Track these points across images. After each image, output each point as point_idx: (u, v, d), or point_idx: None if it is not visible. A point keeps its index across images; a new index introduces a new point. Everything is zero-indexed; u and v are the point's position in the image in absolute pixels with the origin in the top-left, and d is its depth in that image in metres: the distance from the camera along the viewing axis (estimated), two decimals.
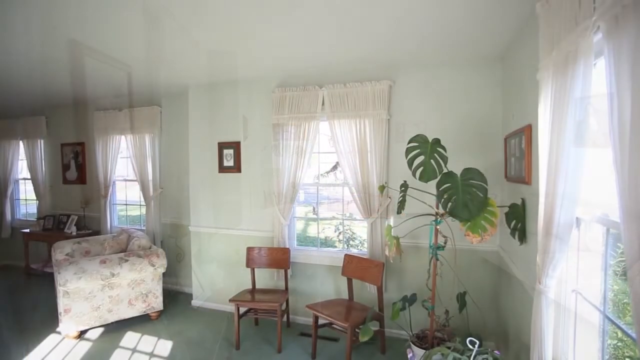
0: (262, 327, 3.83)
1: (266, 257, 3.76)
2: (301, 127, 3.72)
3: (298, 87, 3.72)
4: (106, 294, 3.65)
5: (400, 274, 3.55)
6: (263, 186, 4.01)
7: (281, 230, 3.83)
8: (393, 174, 3.50)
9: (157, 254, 3.91)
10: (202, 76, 3.91)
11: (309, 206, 8.26)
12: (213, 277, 4.33)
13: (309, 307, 3.21)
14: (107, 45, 2.87)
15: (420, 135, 2.58)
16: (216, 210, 4.26)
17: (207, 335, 3.66)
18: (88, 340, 3.59)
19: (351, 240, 6.81)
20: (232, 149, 4.11)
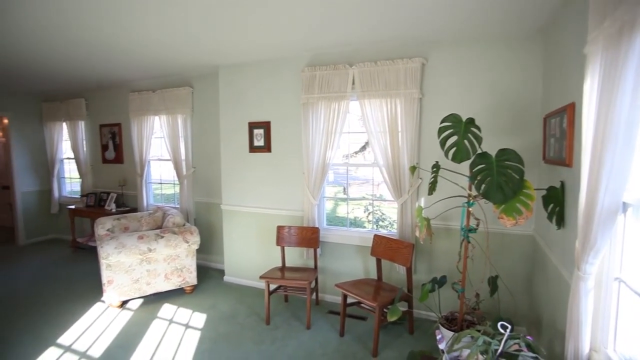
0: (291, 304, 3.92)
1: (296, 236, 3.81)
2: (331, 107, 3.68)
3: (328, 66, 3.66)
4: (144, 268, 3.84)
5: (430, 255, 3.51)
6: (293, 166, 4.03)
7: (311, 210, 3.87)
8: (424, 155, 3.43)
9: (191, 231, 4.05)
10: (232, 56, 3.92)
11: (338, 187, 8.26)
12: (244, 254, 4.45)
13: (338, 285, 3.25)
14: (140, 26, 2.91)
15: (454, 115, 2.49)
16: (247, 189, 4.34)
17: (239, 310, 3.80)
18: (129, 309, 3.82)
19: (380, 220, 6.79)
20: (263, 129, 4.14)
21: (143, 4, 2.45)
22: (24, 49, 3.49)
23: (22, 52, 3.60)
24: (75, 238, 6.02)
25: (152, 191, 5.73)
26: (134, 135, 5.39)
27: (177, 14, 2.65)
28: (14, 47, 3.42)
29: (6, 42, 3.23)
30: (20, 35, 3.08)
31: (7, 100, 6.17)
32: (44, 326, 3.50)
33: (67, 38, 3.17)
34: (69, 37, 3.16)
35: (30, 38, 3.15)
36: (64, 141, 6.52)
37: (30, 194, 6.56)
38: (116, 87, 5.68)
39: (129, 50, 3.64)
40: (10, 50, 3.50)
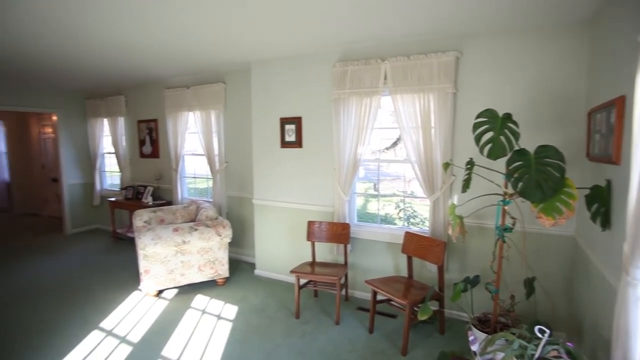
0: (321, 299, 3.95)
1: (326, 232, 3.82)
2: (362, 102, 3.65)
3: (359, 61, 3.62)
4: (179, 259, 3.97)
5: (463, 254, 3.43)
6: (324, 162, 4.04)
7: (342, 206, 3.86)
8: (458, 151, 3.34)
9: (223, 225, 4.15)
10: (264, 53, 3.96)
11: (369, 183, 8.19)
12: (274, 248, 4.51)
13: (368, 282, 3.23)
14: (177, 26, 2.99)
15: (490, 110, 2.41)
16: (278, 184, 4.39)
17: (269, 303, 3.86)
18: (164, 299, 3.97)
19: (412, 218, 6.68)
20: (294, 125, 4.16)
21: (182, 6, 2.51)
22: (71, 51, 3.68)
23: (69, 54, 3.80)
24: (115, 229, 6.32)
25: (186, 185, 5.90)
26: (169, 131, 5.57)
27: (214, 14, 2.70)
28: (62, 49, 3.61)
29: (54, 44, 3.42)
30: (67, 39, 3.24)
31: (56, 98, 6.55)
32: (88, 311, 3.70)
33: (107, 40, 3.32)
34: (109, 40, 3.31)
35: (75, 41, 3.31)
36: (104, 136, 6.85)
37: (75, 186, 6.95)
38: (152, 84, 5.88)
39: (165, 50, 3.75)
40: (58, 52, 3.70)
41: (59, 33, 3.14)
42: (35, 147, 8.36)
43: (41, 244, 6.21)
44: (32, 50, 3.67)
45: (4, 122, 8.60)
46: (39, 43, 3.43)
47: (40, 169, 8.33)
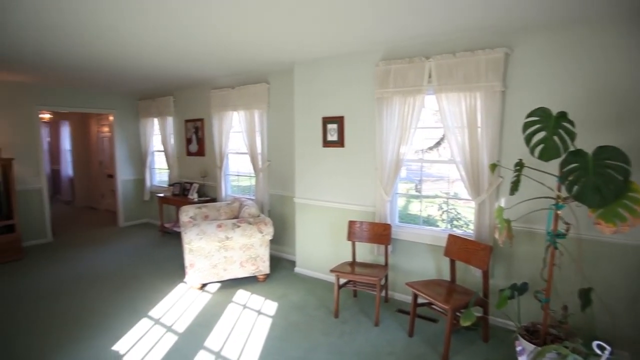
0: (360, 299, 3.92)
1: (367, 232, 3.80)
2: (406, 101, 3.58)
3: (403, 60, 3.56)
4: (222, 255, 4.10)
5: (510, 260, 3.27)
6: (366, 161, 4.01)
7: (383, 206, 3.82)
8: (506, 152, 3.18)
9: (265, 222, 4.24)
10: (307, 53, 3.99)
11: (410, 183, 8.04)
12: (315, 247, 4.54)
13: (409, 284, 3.17)
14: (224, 28, 3.08)
15: (542, 108, 2.28)
16: (319, 183, 4.41)
17: (309, 301, 3.89)
18: (208, 292, 4.12)
19: (455, 220, 6.47)
20: (336, 124, 4.17)
21: (230, 9, 2.59)
22: (127, 56, 3.91)
23: (125, 58, 4.03)
24: (163, 223, 6.64)
25: (230, 183, 6.08)
26: (214, 130, 5.76)
27: (261, 15, 2.76)
28: (119, 54, 3.84)
29: (112, 50, 3.65)
30: (124, 45, 3.44)
31: (113, 99, 7.01)
32: (138, 300, 3.92)
33: (160, 45, 3.49)
34: (161, 44, 3.47)
35: (131, 46, 3.51)
36: (154, 135, 7.21)
37: (128, 182, 7.38)
38: (199, 85, 6.11)
39: (212, 51, 3.88)
40: (115, 56, 3.94)
41: (117, 40, 3.34)
42: (94, 145, 8.97)
43: (98, 235, 6.66)
44: (94, 55, 3.94)
45: (69, 122, 9.31)
46: (99, 49, 3.67)
47: (98, 166, 8.93)
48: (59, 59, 4.14)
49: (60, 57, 4.02)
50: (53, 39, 3.32)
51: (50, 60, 4.17)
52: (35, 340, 3.20)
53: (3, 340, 3.15)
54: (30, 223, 5.99)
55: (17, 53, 3.84)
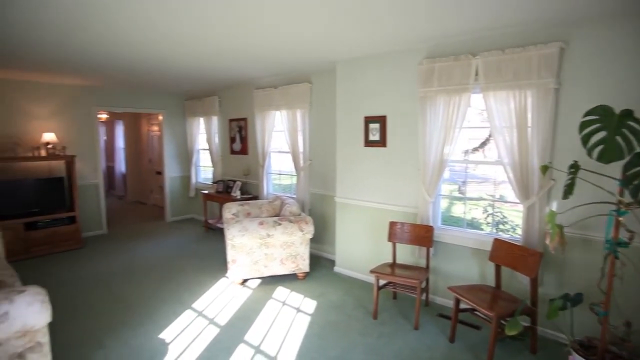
0: (399, 301, 3.86)
1: (408, 233, 3.73)
2: (450, 101, 3.48)
3: (448, 57, 3.45)
4: (263, 251, 4.19)
5: (562, 268, 3.08)
6: (408, 162, 3.94)
7: (425, 208, 3.73)
8: (559, 153, 3.00)
9: (306, 221, 4.27)
10: (349, 52, 3.98)
11: (454, 185, 7.80)
12: (354, 246, 4.53)
13: (451, 289, 3.08)
14: (269, 29, 3.14)
15: (602, 106, 2.13)
16: (360, 183, 4.39)
17: (347, 301, 3.88)
18: (248, 288, 4.22)
19: (501, 224, 6.20)
20: (378, 123, 4.12)
21: (275, 11, 2.64)
22: (176, 57, 4.08)
23: (175, 60, 4.22)
24: (207, 219, 6.88)
25: (271, 181, 6.19)
26: (257, 129, 5.88)
27: (305, 17, 2.79)
28: (169, 55, 4.03)
29: (163, 52, 3.83)
30: (174, 45, 3.60)
31: (162, 99, 7.37)
32: (183, 291, 4.10)
33: (207, 46, 3.61)
34: (209, 46, 3.59)
35: (181, 48, 3.67)
36: (200, 134, 7.48)
37: (175, 179, 7.73)
38: (243, 85, 6.27)
39: (257, 52, 3.98)
40: (165, 57, 4.13)
41: (169, 44, 3.50)
42: (145, 143, 9.47)
43: (147, 228, 7.03)
44: (147, 59, 4.15)
45: (123, 122, 9.89)
46: (152, 53, 3.86)
47: (147, 163, 9.42)
48: (116, 64, 4.41)
49: (117, 61, 4.28)
50: (115, 47, 3.54)
51: (108, 64, 4.45)
52: (91, 322, 3.44)
53: (64, 321, 3.40)
54: (89, 215, 6.43)
55: (82, 60, 4.14)
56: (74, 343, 3.12)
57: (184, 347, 3.04)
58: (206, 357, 2.91)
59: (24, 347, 2.27)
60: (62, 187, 5.77)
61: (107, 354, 2.95)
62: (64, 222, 5.67)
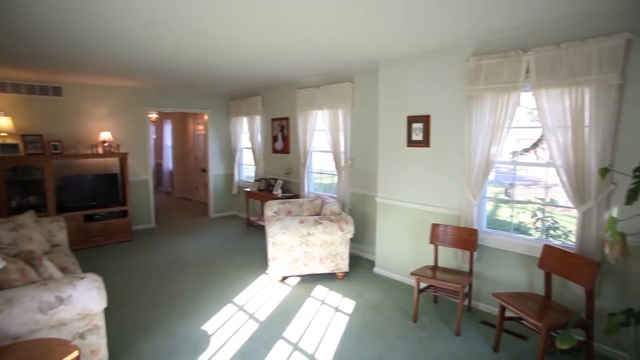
0: (440, 306, 3.76)
1: (451, 236, 3.61)
2: (498, 99, 3.33)
3: (497, 54, 3.30)
4: (303, 250, 4.22)
5: (623, 280, 2.85)
6: (452, 162, 3.82)
7: (470, 210, 3.60)
8: (622, 154, 2.77)
9: (346, 220, 4.26)
10: (393, 50, 3.92)
11: (499, 187, 7.47)
12: (395, 248, 4.45)
13: (496, 295, 2.95)
14: (312, 29, 3.16)
15: None
16: (402, 183, 4.31)
17: (386, 303, 3.83)
18: (288, 285, 4.27)
19: (552, 229, 5.85)
20: (422, 123, 4.03)
21: (319, 11, 2.65)
22: (222, 59, 4.21)
23: (221, 61, 4.35)
24: (248, 216, 7.05)
25: (312, 180, 6.23)
26: (299, 128, 5.94)
27: (347, 16, 2.77)
28: (215, 56, 4.16)
29: (209, 52, 3.96)
30: (219, 46, 3.71)
31: (207, 100, 7.64)
32: (224, 286, 4.22)
33: (252, 47, 3.69)
34: (253, 46, 3.67)
35: (227, 49, 3.77)
36: (243, 133, 7.67)
37: (218, 176, 7.98)
38: (286, 85, 6.35)
39: (300, 53, 4.02)
40: (210, 58, 4.27)
41: (215, 46, 3.61)
42: (191, 142, 9.86)
43: (191, 224, 7.32)
44: (191, 59, 4.31)
45: (171, 121, 10.36)
46: (199, 54, 4.01)
47: (193, 161, 9.79)
48: (165, 66, 4.62)
49: (166, 63, 4.48)
50: (164, 51, 3.72)
51: (157, 67, 4.67)
52: (140, 310, 3.64)
53: (116, 308, 3.61)
54: (139, 210, 6.79)
55: (135, 64, 4.38)
56: (125, 328, 3.30)
57: (225, 340, 3.13)
58: (246, 351, 2.98)
59: (84, 328, 2.47)
60: (116, 182, 6.15)
61: (154, 341, 3.11)
62: (117, 216, 6.04)
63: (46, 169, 5.42)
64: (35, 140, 5.62)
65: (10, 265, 2.36)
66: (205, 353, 2.94)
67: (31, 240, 3.75)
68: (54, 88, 5.89)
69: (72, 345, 1.98)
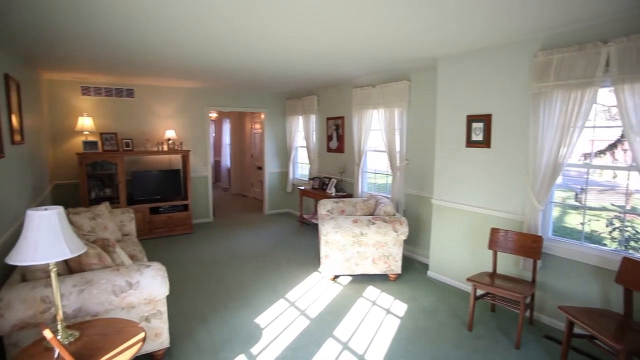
0: (498, 315, 3.56)
1: (513, 242, 3.40)
2: (570, 96, 3.07)
3: (570, 47, 3.04)
4: (355, 249, 4.20)
5: None
6: (515, 164, 3.59)
7: (534, 215, 3.36)
8: None
9: (400, 222, 4.17)
10: (452, 47, 3.77)
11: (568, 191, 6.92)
12: (450, 252, 4.29)
13: (563, 309, 2.72)
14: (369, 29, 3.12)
15: None
16: (460, 185, 4.14)
17: (440, 308, 3.70)
18: (339, 284, 4.27)
19: (632, 240, 5.30)
20: (482, 122, 3.83)
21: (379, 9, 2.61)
22: (279, 59, 4.31)
23: (277, 62, 4.46)
24: (302, 214, 7.15)
25: (366, 180, 6.18)
26: (354, 128, 5.91)
27: (408, 13, 2.71)
28: (271, 57, 4.27)
29: (267, 56, 4.06)
30: (277, 46, 3.80)
31: (264, 99, 7.86)
32: (277, 281, 4.32)
33: (308, 47, 3.73)
34: (310, 46, 3.71)
35: (283, 49, 3.85)
36: (298, 132, 7.80)
37: (274, 174, 8.18)
38: (342, 85, 6.36)
39: (358, 52, 3.99)
40: (267, 59, 4.38)
41: (273, 47, 3.70)
42: (248, 140, 10.20)
43: (247, 219, 7.58)
44: (254, 61, 4.46)
45: (229, 120, 10.80)
46: (258, 55, 4.13)
47: (250, 158, 10.13)
48: (225, 67, 4.82)
49: (225, 65, 4.67)
50: (227, 53, 3.88)
51: (218, 68, 4.89)
52: (197, 300, 3.84)
53: (176, 295, 3.84)
54: (198, 204, 7.17)
55: (199, 66, 4.62)
56: (184, 316, 3.50)
57: (277, 334, 3.20)
58: (297, 346, 3.03)
59: (149, 312, 2.68)
60: (179, 178, 6.54)
61: (210, 329, 3.26)
62: (179, 209, 6.42)
63: (119, 164, 5.90)
64: (111, 138, 6.14)
65: (90, 250, 2.60)
66: (257, 345, 3.03)
67: (106, 229, 4.11)
68: (127, 90, 6.41)
69: (140, 327, 2.14)
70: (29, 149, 4.14)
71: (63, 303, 2.25)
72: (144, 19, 2.89)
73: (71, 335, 2.00)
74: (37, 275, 2.43)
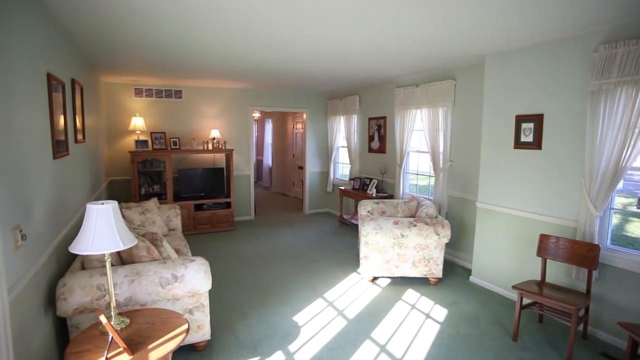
0: (546, 326, 3.36)
1: (565, 250, 3.20)
2: (637, 93, 2.83)
3: (638, 39, 2.80)
4: (395, 251, 4.13)
5: None
6: (569, 167, 3.38)
7: (590, 222, 3.14)
8: None
9: (443, 224, 4.05)
10: (500, 44, 3.60)
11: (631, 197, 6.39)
12: (495, 257, 4.11)
13: (624, 325, 2.51)
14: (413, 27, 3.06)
15: None
16: (507, 188, 3.95)
17: (482, 315, 3.55)
18: (378, 286, 4.22)
19: None
20: (532, 123, 3.64)
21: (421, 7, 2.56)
22: (322, 60, 4.32)
23: (320, 62, 4.48)
24: (342, 214, 7.14)
25: (408, 181, 6.06)
26: (396, 128, 5.82)
27: (453, 8, 2.63)
28: (312, 58, 4.29)
29: (309, 56, 4.09)
30: (321, 44, 3.82)
31: (306, 99, 7.93)
32: (316, 280, 4.34)
33: (353, 47, 3.71)
34: (355, 47, 3.69)
35: (327, 50, 3.86)
36: (340, 132, 7.79)
37: (314, 174, 8.23)
38: (384, 84, 6.28)
39: (402, 51, 3.93)
40: (309, 60, 4.41)
41: (316, 48, 3.73)
42: (289, 140, 10.34)
43: (287, 218, 7.68)
44: (297, 62, 4.52)
45: (271, 120, 11.01)
46: (301, 56, 4.18)
47: (291, 158, 10.27)
48: (269, 69, 4.91)
49: (268, 66, 4.76)
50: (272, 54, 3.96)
51: (261, 70, 4.99)
52: (237, 295, 3.94)
53: (218, 291, 3.96)
54: (240, 202, 7.38)
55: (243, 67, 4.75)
56: (225, 310, 3.60)
57: (314, 333, 3.22)
58: (334, 346, 3.02)
59: (193, 305, 2.79)
60: (222, 176, 6.76)
61: (249, 325, 3.33)
62: (222, 206, 6.63)
63: (167, 162, 6.19)
64: (160, 137, 6.46)
65: (140, 243, 2.75)
66: (295, 342, 3.07)
67: (154, 223, 4.32)
68: (176, 91, 6.71)
69: (184, 319, 2.23)
70: (89, 147, 4.44)
71: (115, 292, 2.41)
72: (201, 21, 3.02)
73: (122, 322, 2.13)
74: (94, 264, 2.61)
